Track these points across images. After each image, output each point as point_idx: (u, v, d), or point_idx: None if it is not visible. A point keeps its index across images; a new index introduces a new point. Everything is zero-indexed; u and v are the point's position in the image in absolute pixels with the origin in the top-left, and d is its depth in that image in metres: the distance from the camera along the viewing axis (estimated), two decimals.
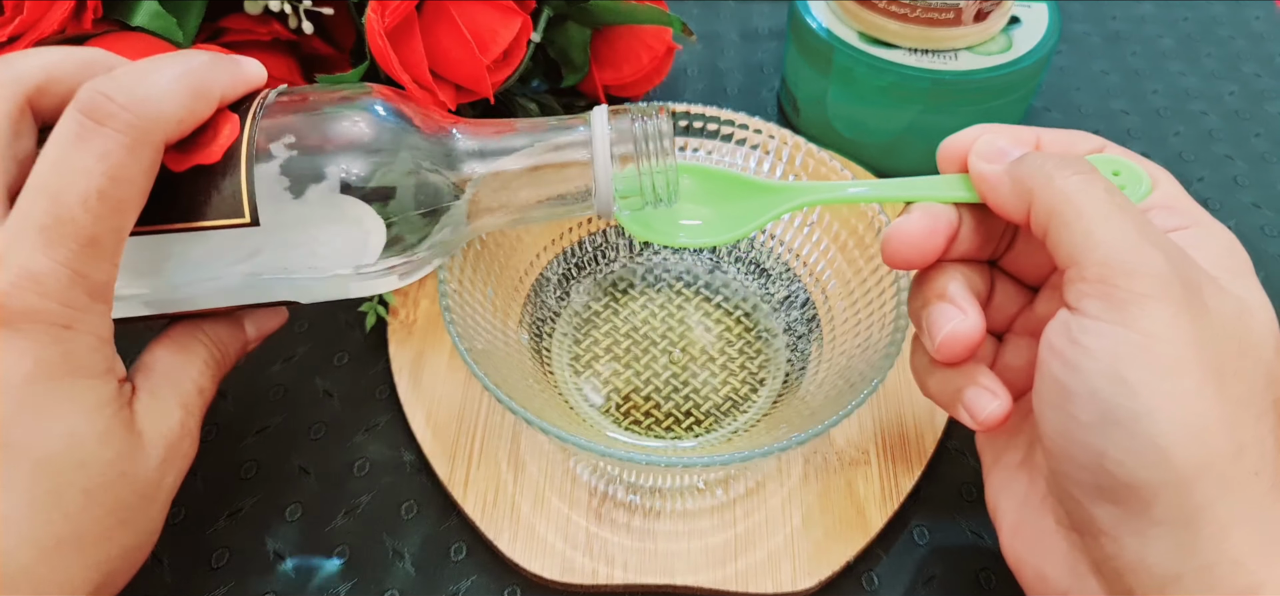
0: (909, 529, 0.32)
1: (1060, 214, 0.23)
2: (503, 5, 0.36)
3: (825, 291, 0.35)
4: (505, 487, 0.32)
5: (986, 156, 0.26)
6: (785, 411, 0.33)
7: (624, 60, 0.42)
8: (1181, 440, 0.21)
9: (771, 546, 0.31)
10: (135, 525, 0.23)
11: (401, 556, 0.31)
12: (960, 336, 0.26)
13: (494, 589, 0.31)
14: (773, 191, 0.29)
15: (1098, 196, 0.23)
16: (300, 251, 0.24)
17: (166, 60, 0.23)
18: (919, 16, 0.40)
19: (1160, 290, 0.22)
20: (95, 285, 0.22)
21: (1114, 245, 0.22)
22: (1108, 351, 0.22)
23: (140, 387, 0.24)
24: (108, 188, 0.21)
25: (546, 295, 0.37)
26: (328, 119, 0.24)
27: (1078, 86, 0.51)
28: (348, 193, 0.24)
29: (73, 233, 0.21)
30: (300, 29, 0.38)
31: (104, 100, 0.21)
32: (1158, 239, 0.23)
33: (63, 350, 0.21)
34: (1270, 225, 0.43)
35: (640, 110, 0.26)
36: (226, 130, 0.24)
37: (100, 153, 0.21)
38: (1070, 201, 0.23)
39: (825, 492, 0.32)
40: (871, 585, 0.31)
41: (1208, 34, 0.55)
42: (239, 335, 0.28)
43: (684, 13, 0.56)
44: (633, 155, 0.26)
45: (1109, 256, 0.22)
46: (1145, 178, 0.26)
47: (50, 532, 0.21)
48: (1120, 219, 0.23)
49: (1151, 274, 0.22)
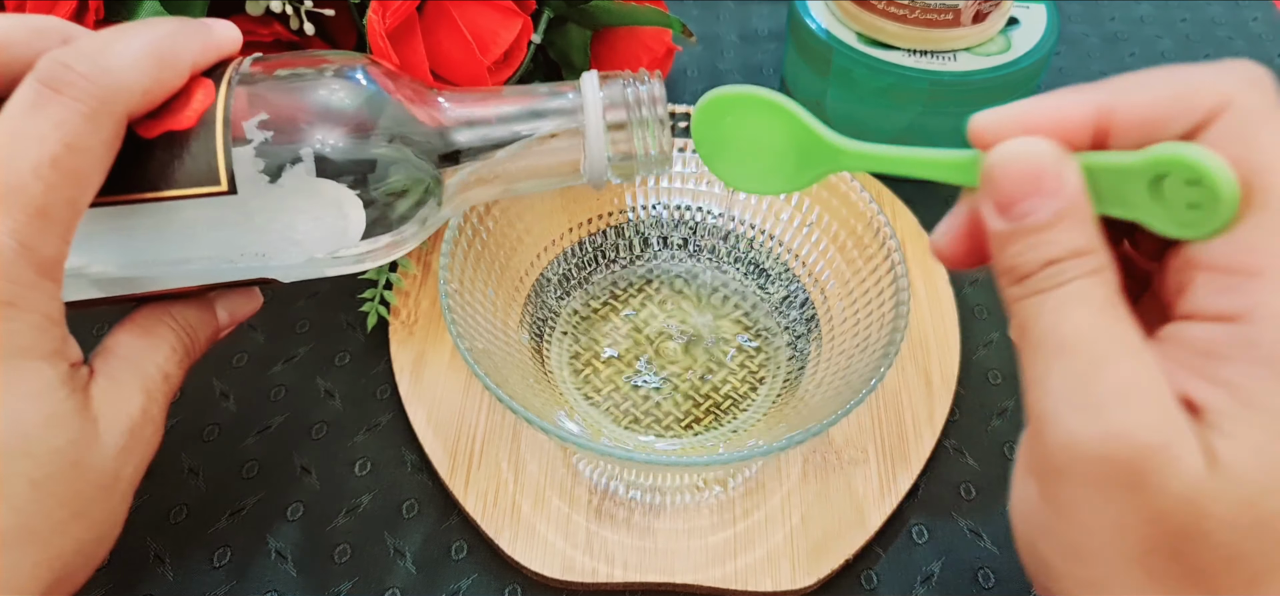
0: (907, 527, 0.32)
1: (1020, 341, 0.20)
2: (503, 6, 0.36)
3: (824, 291, 0.35)
4: (506, 487, 0.32)
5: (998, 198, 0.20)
6: (784, 411, 0.33)
7: (624, 61, 0.42)
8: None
9: (771, 545, 0.31)
10: (92, 517, 0.22)
11: (402, 555, 0.31)
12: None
13: (495, 587, 0.31)
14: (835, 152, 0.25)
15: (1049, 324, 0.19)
16: (278, 223, 0.23)
17: (133, 28, 0.22)
18: (918, 17, 0.40)
19: (1081, 469, 0.18)
20: (43, 260, 0.20)
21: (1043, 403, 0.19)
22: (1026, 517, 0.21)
23: (99, 371, 0.23)
24: (62, 155, 0.20)
25: (546, 295, 0.37)
26: (306, 88, 0.23)
27: None
28: (327, 165, 0.23)
29: (21, 202, 0.19)
30: (302, 30, 0.38)
31: (63, 69, 0.20)
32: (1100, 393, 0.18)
33: (5, 330, 0.19)
34: None
35: (631, 75, 0.26)
36: (200, 96, 0.23)
37: (56, 120, 0.20)
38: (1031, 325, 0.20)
39: (824, 491, 0.32)
40: (870, 583, 0.31)
41: (1206, 35, 0.55)
42: (210, 320, 0.26)
43: (683, 14, 0.56)
44: (626, 121, 0.25)
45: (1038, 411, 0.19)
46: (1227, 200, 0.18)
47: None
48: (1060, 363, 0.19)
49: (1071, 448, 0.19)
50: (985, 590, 0.31)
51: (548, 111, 0.25)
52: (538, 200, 0.36)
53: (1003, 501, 0.33)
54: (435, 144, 0.25)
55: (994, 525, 0.32)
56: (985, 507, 0.33)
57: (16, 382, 0.20)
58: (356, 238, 0.24)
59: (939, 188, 0.45)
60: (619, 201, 0.38)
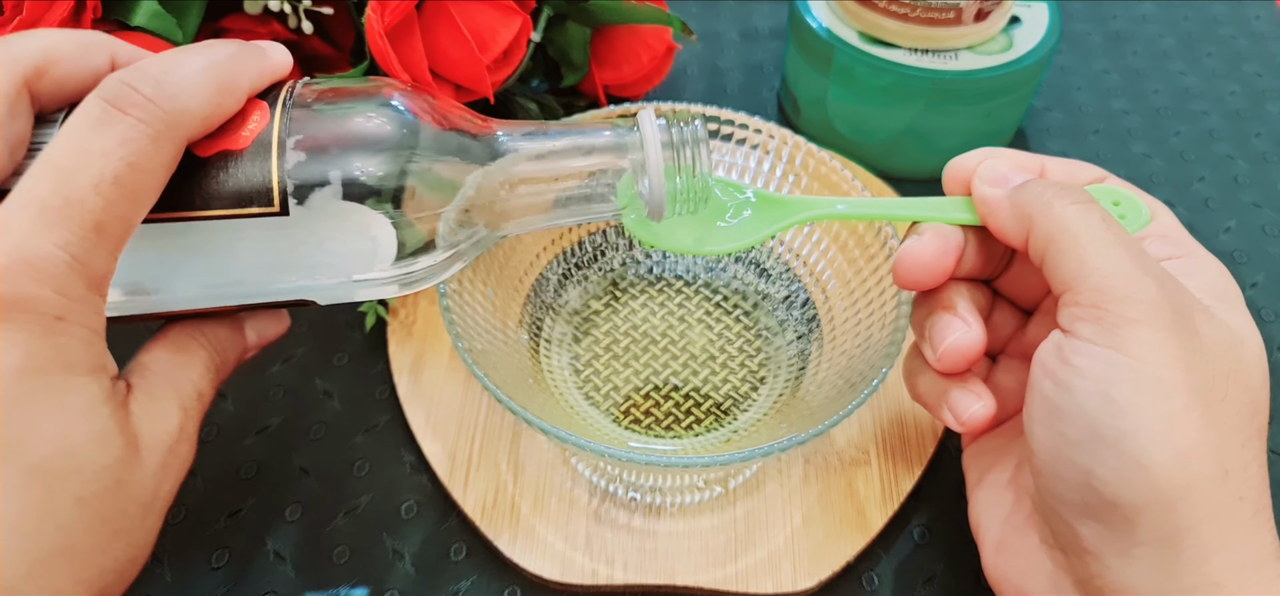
0: (909, 528, 0.32)
1: (1057, 240, 0.24)
2: (503, 5, 0.36)
3: (825, 291, 0.35)
4: (505, 488, 0.32)
5: (990, 181, 0.27)
6: (785, 411, 0.33)
7: (624, 60, 0.42)
8: (1166, 460, 0.21)
9: (772, 546, 0.30)
10: (131, 536, 0.21)
11: (401, 556, 0.31)
12: (963, 347, 0.26)
13: (494, 589, 0.31)
14: (780, 205, 0.29)
15: (1094, 225, 0.24)
16: (323, 247, 0.23)
17: (192, 51, 0.22)
18: (919, 16, 0.40)
19: (1151, 315, 0.22)
20: (94, 276, 0.20)
21: (1108, 272, 0.23)
22: (1098, 372, 0.22)
23: (136, 387, 0.23)
24: (125, 174, 0.20)
25: (546, 295, 0.37)
26: (355, 115, 0.24)
27: (1078, 86, 0.51)
28: (366, 194, 0.23)
29: (80, 216, 0.19)
30: (300, 29, 0.38)
31: (129, 90, 0.21)
32: (1151, 267, 0.23)
33: (54, 344, 0.19)
34: (1271, 224, 0.43)
35: (678, 115, 0.27)
36: (255, 117, 0.23)
37: (121, 138, 0.20)
38: (1067, 229, 0.24)
39: (825, 492, 0.32)
40: (872, 585, 0.31)
41: (1209, 33, 0.55)
42: (238, 341, 0.26)
43: (684, 12, 0.56)
44: (674, 161, 0.26)
45: (1102, 282, 0.23)
46: (1144, 209, 0.27)
47: (41, 545, 0.19)
48: (1115, 247, 0.23)
49: (1143, 299, 0.22)
50: (987, 592, 0.31)
51: (597, 147, 0.26)
52: None
53: None
54: (475, 172, 0.25)
55: None
56: None
57: (67, 397, 0.20)
58: (389, 260, 0.24)
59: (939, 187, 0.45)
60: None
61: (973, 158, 0.28)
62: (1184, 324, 0.23)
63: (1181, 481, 0.21)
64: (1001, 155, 0.28)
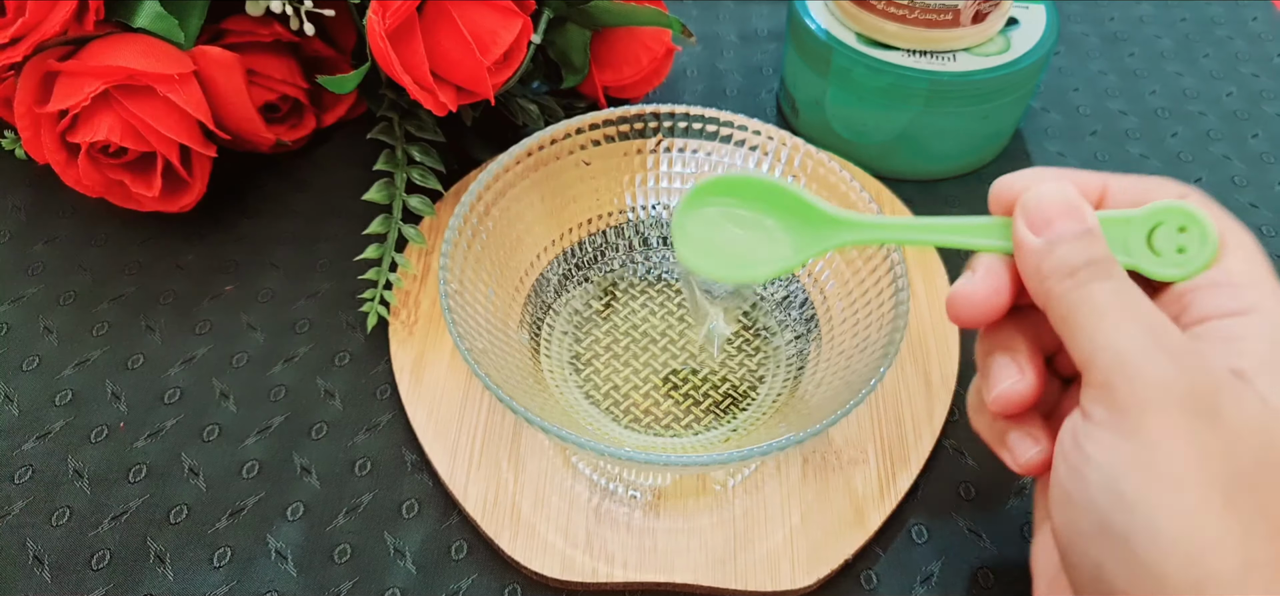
0: (907, 527, 0.32)
1: (1070, 319, 0.23)
2: (503, 7, 0.36)
3: (824, 291, 0.35)
4: (506, 486, 0.32)
5: (1031, 222, 0.25)
6: (784, 411, 0.33)
7: (624, 62, 0.42)
8: (1176, 560, 0.20)
9: (770, 544, 0.31)
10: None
11: (402, 555, 0.31)
12: (1014, 396, 0.25)
13: (494, 587, 0.31)
14: (837, 224, 0.28)
15: (1107, 298, 0.22)
16: None
17: None
18: (917, 18, 0.40)
19: (1164, 399, 0.21)
20: None
21: (1120, 350, 0.22)
22: (1107, 461, 0.21)
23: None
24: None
25: (546, 295, 0.37)
26: None
27: (1076, 87, 0.51)
28: None
29: None
30: (301, 30, 0.38)
31: None
32: (1171, 342, 0.22)
33: None
34: (1269, 225, 0.43)
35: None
36: None
37: None
38: (1079, 305, 0.23)
39: (824, 491, 0.32)
40: (870, 583, 0.31)
41: (1206, 34, 0.55)
42: None
43: (683, 14, 0.56)
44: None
45: (1114, 361, 0.22)
46: (1211, 238, 0.24)
47: None
48: (1128, 322, 0.22)
49: (1156, 382, 0.21)
50: (985, 590, 0.31)
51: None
52: (537, 201, 0.36)
53: (1002, 501, 0.33)
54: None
55: (993, 525, 0.32)
56: (985, 508, 0.33)
57: None
58: None
59: (940, 189, 0.45)
60: (619, 202, 0.39)
61: (1020, 179, 0.26)
62: (1203, 407, 0.21)
63: (1192, 580, 0.20)
64: (1051, 180, 0.25)
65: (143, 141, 0.36)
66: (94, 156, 0.37)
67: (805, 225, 0.28)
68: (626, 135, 0.37)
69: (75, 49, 0.36)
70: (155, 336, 0.38)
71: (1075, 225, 0.24)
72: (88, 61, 0.35)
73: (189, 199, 0.39)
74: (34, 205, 0.44)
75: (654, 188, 0.38)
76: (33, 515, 0.32)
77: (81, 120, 0.36)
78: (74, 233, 0.42)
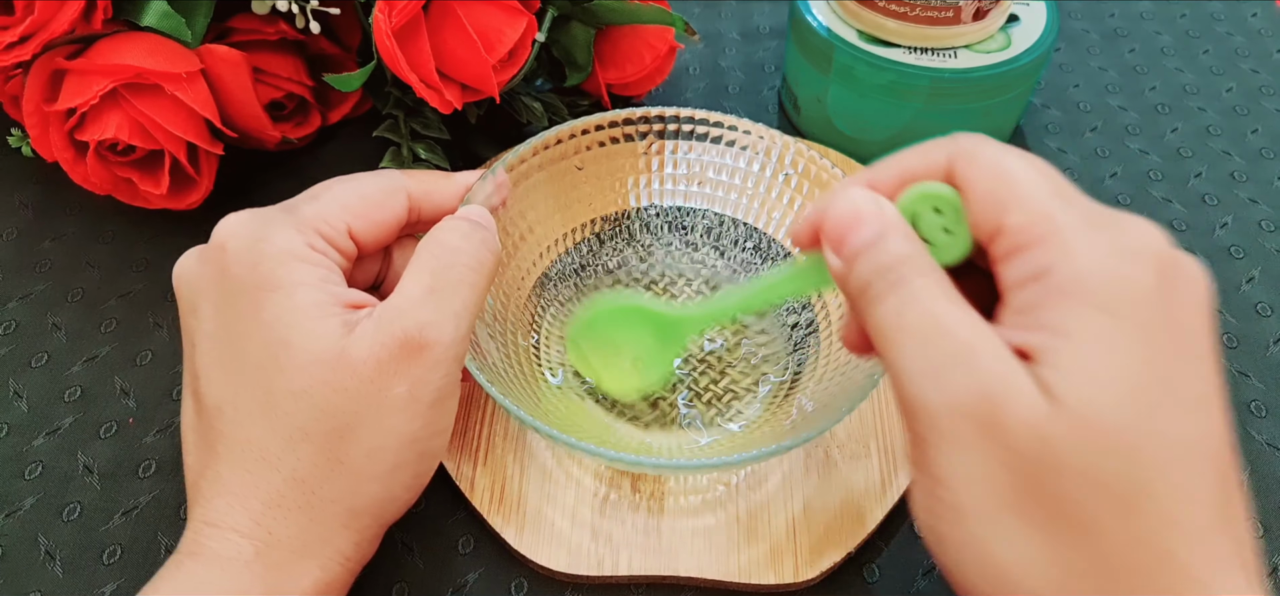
0: (908, 521, 0.33)
1: (876, 340, 0.22)
2: (508, 5, 0.36)
3: (823, 292, 0.36)
4: (512, 481, 0.32)
5: (831, 241, 0.23)
6: (786, 410, 0.33)
7: (627, 59, 0.42)
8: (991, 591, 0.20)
9: (774, 539, 0.31)
10: None
11: (410, 550, 0.32)
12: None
13: (501, 581, 0.31)
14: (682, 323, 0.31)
15: (893, 316, 0.21)
16: None
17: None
18: (918, 15, 0.41)
19: (941, 426, 0.20)
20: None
21: (902, 376, 0.21)
22: (915, 496, 0.22)
23: None
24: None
25: (547, 295, 0.37)
26: None
27: (1076, 84, 0.51)
28: None
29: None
30: (307, 29, 0.38)
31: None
32: (944, 355, 0.20)
33: None
34: (1268, 220, 0.44)
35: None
36: None
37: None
38: (876, 326, 0.22)
39: (826, 486, 0.32)
40: (872, 577, 0.31)
41: (1206, 31, 0.55)
42: None
43: (686, 12, 0.56)
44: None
45: (900, 391, 0.21)
46: (962, 228, 0.23)
47: None
48: (909, 343, 0.21)
49: (933, 407, 0.20)
50: None
51: None
52: (538, 201, 0.37)
53: None
54: None
55: None
56: None
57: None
58: None
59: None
60: (620, 203, 0.39)
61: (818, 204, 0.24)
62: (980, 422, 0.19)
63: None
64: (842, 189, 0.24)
65: (150, 139, 0.37)
66: (102, 154, 0.38)
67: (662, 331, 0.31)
68: (630, 137, 0.37)
69: (83, 47, 0.36)
70: (163, 332, 0.38)
71: (865, 231, 0.23)
72: (96, 60, 0.35)
73: (196, 196, 0.40)
74: (42, 202, 0.44)
75: (654, 189, 0.39)
76: (43, 511, 0.33)
77: (89, 118, 0.36)
78: (82, 230, 0.43)
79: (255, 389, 0.25)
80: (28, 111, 0.37)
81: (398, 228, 0.30)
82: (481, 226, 0.28)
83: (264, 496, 0.25)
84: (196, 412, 0.26)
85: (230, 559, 0.24)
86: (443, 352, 0.26)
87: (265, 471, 0.25)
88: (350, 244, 0.28)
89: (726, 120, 0.37)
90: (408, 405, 0.25)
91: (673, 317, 0.31)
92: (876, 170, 0.24)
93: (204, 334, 0.26)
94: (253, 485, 0.25)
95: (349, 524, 0.25)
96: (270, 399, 0.25)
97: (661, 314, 0.31)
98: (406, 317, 0.25)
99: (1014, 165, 0.22)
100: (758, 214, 0.38)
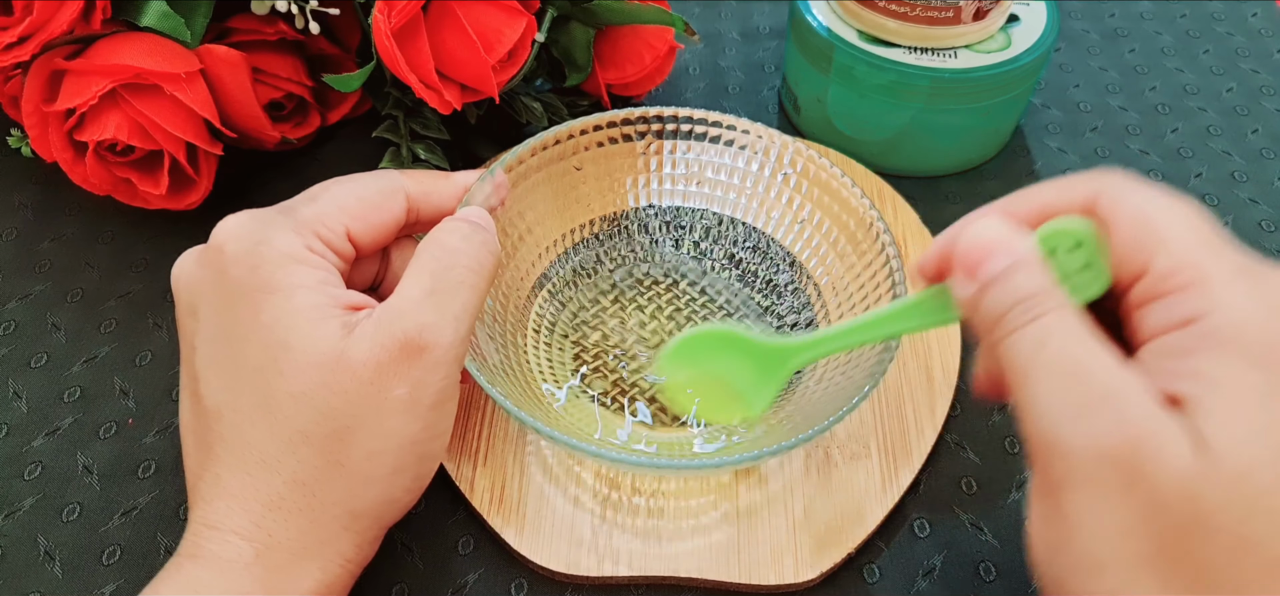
0: (909, 522, 0.33)
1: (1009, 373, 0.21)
2: (508, 5, 0.36)
3: (820, 291, 0.36)
4: (512, 482, 0.32)
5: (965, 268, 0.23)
6: (786, 410, 0.33)
7: (627, 60, 0.42)
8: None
9: (774, 540, 0.31)
10: None
11: (410, 550, 0.32)
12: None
13: (501, 582, 0.31)
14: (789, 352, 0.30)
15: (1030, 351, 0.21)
16: None
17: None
18: (918, 15, 0.41)
19: (1079, 472, 0.19)
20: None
21: (1038, 414, 0.20)
22: (1039, 539, 0.21)
23: None
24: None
25: (547, 295, 0.37)
26: None
27: (1076, 84, 0.51)
28: None
29: None
30: (306, 29, 0.38)
31: None
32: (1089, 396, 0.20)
33: None
34: (1268, 220, 0.44)
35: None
36: None
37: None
38: (1010, 360, 0.21)
39: (826, 486, 0.32)
40: (872, 577, 0.31)
41: (1206, 31, 0.55)
42: None
43: (685, 12, 0.56)
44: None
45: (1034, 429, 0.20)
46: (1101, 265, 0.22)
47: None
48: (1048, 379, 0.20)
49: (1072, 451, 0.19)
50: (986, 583, 0.31)
51: None
52: (538, 201, 0.37)
53: (1004, 495, 0.33)
54: None
55: (995, 519, 0.33)
56: (986, 502, 0.33)
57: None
58: None
59: (941, 185, 0.45)
60: (620, 203, 0.39)
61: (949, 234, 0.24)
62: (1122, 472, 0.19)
63: None
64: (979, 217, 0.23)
65: (150, 139, 0.36)
66: (101, 154, 0.38)
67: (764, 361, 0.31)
68: (629, 137, 0.37)
69: (82, 48, 0.36)
70: (163, 333, 0.38)
71: (1001, 259, 0.22)
72: (95, 60, 0.35)
73: (195, 196, 0.40)
74: (41, 203, 0.44)
75: (654, 190, 0.39)
76: (43, 511, 0.33)
77: (89, 118, 0.36)
78: (81, 230, 0.43)
79: (255, 391, 0.25)
80: (27, 112, 0.37)
81: (396, 229, 0.29)
82: (481, 228, 0.28)
83: (264, 499, 0.24)
84: (195, 414, 0.26)
85: (230, 561, 0.24)
86: (442, 354, 0.25)
87: (265, 474, 0.25)
88: (349, 246, 0.28)
89: (726, 120, 0.37)
90: (408, 407, 0.25)
91: (777, 347, 0.30)
92: (1014, 200, 0.24)
93: (203, 336, 0.26)
94: (253, 487, 0.25)
95: (349, 526, 0.25)
96: (270, 401, 0.25)
97: (763, 344, 0.30)
98: (406, 319, 0.25)
99: (1162, 207, 0.21)
100: (757, 214, 0.38)
